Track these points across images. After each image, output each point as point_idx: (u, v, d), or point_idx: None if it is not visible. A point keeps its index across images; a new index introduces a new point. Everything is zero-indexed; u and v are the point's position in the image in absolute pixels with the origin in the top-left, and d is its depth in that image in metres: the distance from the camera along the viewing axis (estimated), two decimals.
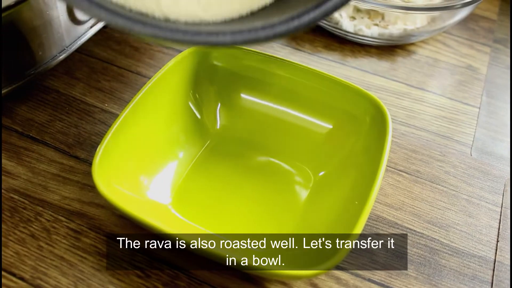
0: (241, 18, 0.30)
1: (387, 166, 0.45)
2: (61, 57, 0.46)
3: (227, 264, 0.31)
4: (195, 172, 0.41)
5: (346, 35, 0.59)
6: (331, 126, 0.43)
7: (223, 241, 0.35)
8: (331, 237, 0.35)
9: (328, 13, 0.28)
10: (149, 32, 0.26)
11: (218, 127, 0.44)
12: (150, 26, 0.26)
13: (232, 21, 0.30)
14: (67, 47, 0.46)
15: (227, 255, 0.31)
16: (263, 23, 0.27)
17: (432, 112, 0.52)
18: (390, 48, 0.60)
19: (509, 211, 0.43)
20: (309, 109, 0.43)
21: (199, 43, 0.27)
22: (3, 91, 0.42)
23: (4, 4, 0.38)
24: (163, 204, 0.38)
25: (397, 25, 0.59)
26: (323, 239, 0.36)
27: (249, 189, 0.41)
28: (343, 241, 0.32)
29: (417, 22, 0.59)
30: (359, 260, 0.38)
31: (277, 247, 0.36)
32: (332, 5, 0.27)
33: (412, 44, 0.61)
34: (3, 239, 0.37)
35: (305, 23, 0.27)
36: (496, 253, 0.40)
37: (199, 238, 0.34)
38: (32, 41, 0.43)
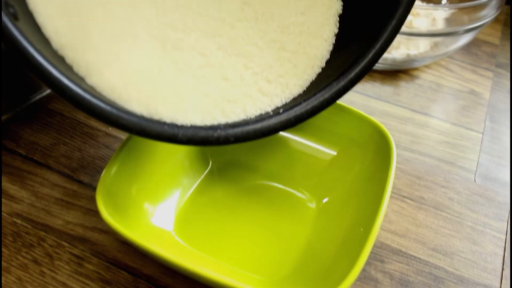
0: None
1: (391, 192, 0.45)
2: None
3: None
4: (197, 197, 0.41)
5: None
6: (335, 153, 0.43)
7: (227, 269, 0.35)
8: (336, 265, 0.35)
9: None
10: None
11: (220, 152, 0.44)
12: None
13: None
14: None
15: (231, 284, 0.31)
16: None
17: (436, 137, 0.52)
18: (394, 73, 0.60)
19: None
20: (313, 136, 0.43)
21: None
22: (7, 115, 0.42)
23: None
24: (166, 231, 0.38)
25: (400, 50, 0.59)
26: (328, 266, 0.35)
27: (252, 215, 0.41)
28: (348, 269, 0.32)
29: (420, 47, 0.59)
30: None
31: (282, 275, 0.35)
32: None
33: (415, 69, 0.62)
34: (5, 264, 0.37)
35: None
36: (501, 282, 0.40)
37: (202, 266, 0.34)
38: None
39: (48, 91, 0.45)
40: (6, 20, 0.24)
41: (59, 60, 0.27)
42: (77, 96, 0.26)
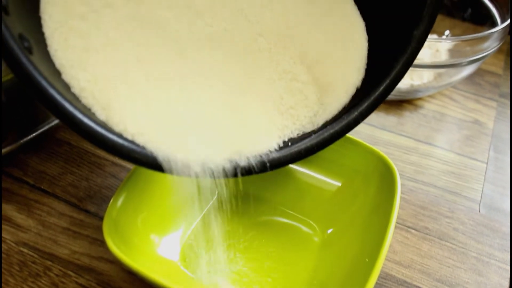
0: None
1: (396, 222, 0.45)
2: None
3: None
4: (204, 228, 0.41)
5: None
6: (340, 184, 0.43)
7: None
8: None
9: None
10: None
11: (226, 183, 0.44)
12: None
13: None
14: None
15: None
16: None
17: (440, 167, 0.53)
18: (398, 103, 0.61)
19: None
20: (318, 166, 0.44)
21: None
22: (16, 144, 0.43)
23: None
24: (172, 261, 0.38)
25: (404, 80, 0.59)
26: None
27: (257, 246, 0.41)
28: None
29: (424, 77, 0.60)
30: None
31: None
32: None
33: (419, 98, 0.62)
34: None
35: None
36: None
37: None
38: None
39: (56, 121, 0.45)
40: (20, 55, 0.25)
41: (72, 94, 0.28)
42: (91, 130, 0.27)
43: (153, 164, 0.28)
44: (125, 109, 0.29)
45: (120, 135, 0.28)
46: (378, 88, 0.32)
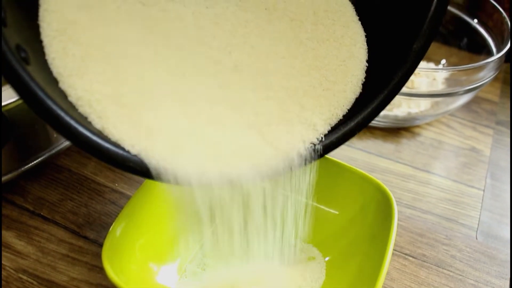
0: None
1: (393, 250, 0.46)
2: None
3: None
4: (203, 256, 0.41)
5: None
6: (337, 212, 0.43)
7: None
8: None
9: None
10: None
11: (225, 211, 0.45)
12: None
13: None
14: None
15: None
16: None
17: (437, 194, 0.53)
18: (395, 130, 0.62)
19: None
20: (315, 195, 0.44)
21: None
22: (16, 172, 0.43)
23: None
24: None
25: (402, 108, 0.60)
26: None
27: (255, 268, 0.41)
28: None
29: (421, 105, 0.60)
30: None
31: None
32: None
33: (417, 126, 0.63)
34: None
35: None
36: None
37: None
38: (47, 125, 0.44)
39: (57, 148, 0.46)
40: (17, 66, 0.25)
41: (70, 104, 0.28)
42: (86, 139, 0.27)
43: (147, 173, 0.29)
44: (121, 119, 0.29)
45: (115, 144, 0.28)
46: (375, 100, 0.33)
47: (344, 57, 0.36)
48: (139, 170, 0.29)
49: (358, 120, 0.33)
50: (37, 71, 0.27)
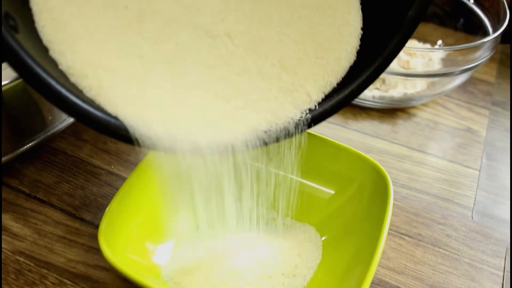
0: None
1: (389, 229, 0.46)
2: (69, 121, 0.47)
3: None
4: (199, 235, 0.41)
5: None
6: (333, 192, 0.43)
7: None
8: None
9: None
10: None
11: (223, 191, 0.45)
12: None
13: None
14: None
15: None
16: None
17: (433, 175, 0.53)
18: (391, 111, 0.62)
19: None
20: (311, 175, 0.44)
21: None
22: (12, 154, 0.43)
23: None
24: (167, 268, 0.38)
25: (398, 89, 0.60)
26: None
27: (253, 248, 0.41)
28: None
29: (417, 86, 0.60)
30: None
31: None
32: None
33: (413, 107, 0.63)
34: None
35: None
36: None
37: None
38: (43, 106, 0.44)
39: (53, 130, 0.46)
40: (5, 34, 0.25)
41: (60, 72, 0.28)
42: (77, 107, 0.27)
43: (138, 141, 0.29)
44: (112, 87, 0.29)
45: (107, 113, 0.28)
46: (370, 67, 0.33)
47: (338, 24, 0.36)
48: (131, 138, 0.28)
49: (352, 88, 0.33)
50: (26, 39, 0.26)
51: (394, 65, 0.58)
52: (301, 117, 0.32)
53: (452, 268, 0.44)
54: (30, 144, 0.44)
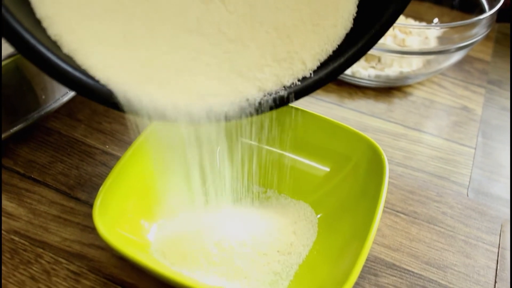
0: None
1: (384, 207, 0.46)
2: (63, 100, 0.47)
3: None
4: (194, 210, 0.41)
5: (343, 77, 0.60)
6: (328, 169, 0.43)
7: (224, 283, 0.35)
8: (330, 278, 0.35)
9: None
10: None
11: (218, 168, 0.44)
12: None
13: None
14: (69, 90, 0.47)
15: None
16: None
17: (429, 153, 0.53)
18: (387, 90, 0.61)
19: (506, 251, 0.44)
20: (306, 152, 0.44)
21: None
22: (5, 134, 0.43)
23: (9, 50, 0.39)
24: (162, 246, 0.38)
25: (393, 67, 0.60)
26: (323, 281, 0.36)
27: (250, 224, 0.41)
28: (342, 283, 0.32)
29: (413, 65, 0.60)
30: None
31: None
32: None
33: (409, 85, 0.62)
34: (3, 281, 0.37)
35: None
36: None
37: (198, 280, 0.35)
38: (36, 85, 0.44)
39: (46, 110, 0.45)
40: None
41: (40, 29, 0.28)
42: (55, 66, 0.27)
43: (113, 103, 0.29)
44: (99, 52, 0.29)
45: (85, 73, 0.28)
46: (367, 34, 0.33)
47: None
48: (109, 100, 0.29)
49: (348, 55, 0.33)
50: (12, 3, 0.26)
51: (390, 43, 0.57)
52: (295, 84, 0.32)
53: (448, 245, 0.44)
54: (23, 123, 0.44)
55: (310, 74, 0.33)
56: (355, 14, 0.35)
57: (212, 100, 0.30)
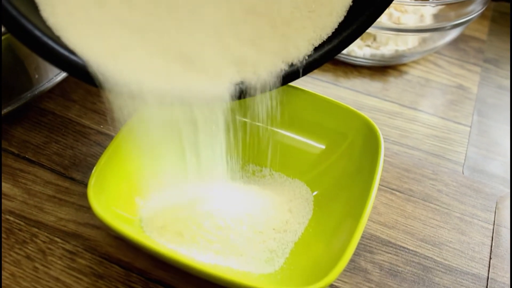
0: None
1: (380, 185, 0.46)
2: (57, 80, 0.46)
3: (225, 284, 0.31)
4: (189, 188, 0.41)
5: (339, 56, 0.60)
6: (323, 147, 0.43)
7: (220, 261, 0.35)
8: (326, 255, 0.36)
9: None
10: None
11: (212, 146, 0.44)
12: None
13: None
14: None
15: (223, 275, 0.31)
16: None
17: (424, 131, 0.53)
18: (382, 69, 0.61)
19: (501, 228, 0.44)
20: (302, 130, 0.44)
21: None
22: None
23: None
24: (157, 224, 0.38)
25: (389, 46, 0.60)
26: (318, 257, 0.36)
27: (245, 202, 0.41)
28: (337, 259, 0.32)
29: (408, 43, 0.60)
30: (354, 278, 0.39)
31: (273, 267, 0.36)
32: None
33: (404, 64, 0.62)
34: None
35: None
36: (489, 271, 0.40)
37: (194, 258, 0.35)
38: (29, 65, 0.43)
39: (40, 89, 0.45)
40: None
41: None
42: (58, 54, 0.28)
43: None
44: (78, 23, 0.29)
45: (59, 41, 0.29)
46: (361, 16, 0.33)
47: None
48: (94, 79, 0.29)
49: (341, 37, 0.33)
50: None
51: (386, 21, 0.57)
52: (291, 66, 0.32)
53: (443, 222, 0.44)
54: (17, 103, 0.44)
55: (305, 57, 0.33)
56: (351, 3, 0.35)
57: (202, 82, 0.30)
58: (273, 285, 0.34)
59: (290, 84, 0.42)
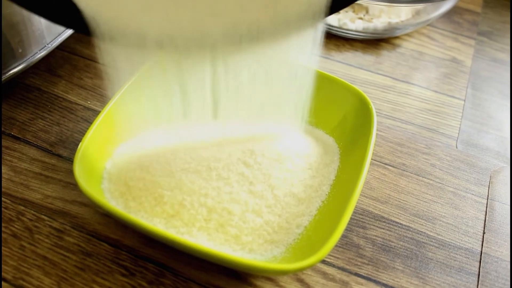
0: None
1: (372, 159, 0.45)
2: (41, 54, 0.45)
3: (213, 260, 0.31)
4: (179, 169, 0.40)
5: (331, 29, 0.59)
6: (315, 120, 0.43)
7: (208, 238, 0.35)
8: (318, 230, 0.35)
9: None
10: None
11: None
12: None
13: None
14: (47, 44, 0.46)
15: (212, 251, 0.30)
16: None
17: (418, 105, 0.52)
18: (375, 42, 0.60)
19: (495, 203, 0.43)
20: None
21: None
22: None
23: None
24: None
25: (382, 18, 0.59)
26: (310, 233, 0.35)
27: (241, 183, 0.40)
28: (329, 235, 0.31)
29: (401, 15, 0.59)
30: (346, 254, 0.38)
31: (262, 241, 0.35)
32: None
33: (397, 37, 0.61)
34: None
35: None
36: (482, 245, 0.40)
37: (183, 235, 0.34)
38: (12, 38, 0.42)
39: (22, 65, 0.44)
40: None
41: None
42: None
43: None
44: None
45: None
46: None
47: None
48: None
49: None
50: None
51: None
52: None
53: (436, 197, 0.43)
54: (0, 79, 0.42)
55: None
56: None
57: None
58: (260, 261, 0.34)
59: None
